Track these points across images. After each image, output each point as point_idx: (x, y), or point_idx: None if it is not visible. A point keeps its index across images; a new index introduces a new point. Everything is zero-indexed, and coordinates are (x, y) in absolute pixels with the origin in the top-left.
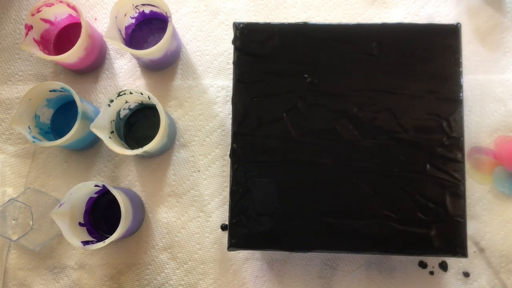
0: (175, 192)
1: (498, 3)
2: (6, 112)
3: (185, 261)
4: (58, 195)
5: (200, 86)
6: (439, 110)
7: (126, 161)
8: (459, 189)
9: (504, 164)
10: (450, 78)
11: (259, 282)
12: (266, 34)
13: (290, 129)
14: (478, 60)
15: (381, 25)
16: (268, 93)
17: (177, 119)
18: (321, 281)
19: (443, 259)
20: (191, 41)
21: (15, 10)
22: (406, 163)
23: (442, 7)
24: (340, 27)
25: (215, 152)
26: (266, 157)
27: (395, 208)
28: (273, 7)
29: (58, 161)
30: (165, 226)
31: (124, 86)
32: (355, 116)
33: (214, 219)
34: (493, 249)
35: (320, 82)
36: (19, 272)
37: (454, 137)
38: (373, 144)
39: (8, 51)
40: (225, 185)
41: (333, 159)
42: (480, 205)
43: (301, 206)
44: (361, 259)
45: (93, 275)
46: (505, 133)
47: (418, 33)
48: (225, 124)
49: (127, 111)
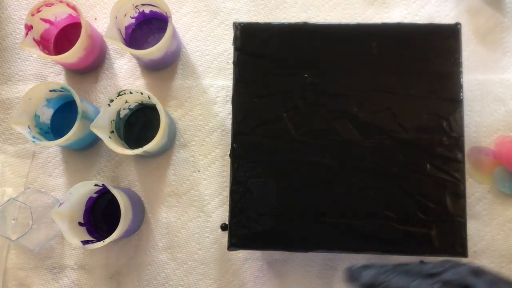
0: (175, 192)
1: (498, 3)
2: (6, 112)
3: (185, 261)
4: (58, 195)
5: (200, 86)
6: (439, 110)
7: (126, 161)
8: (459, 189)
9: (504, 164)
10: (450, 78)
11: (259, 282)
12: (266, 34)
13: (290, 129)
14: (478, 60)
15: (381, 25)
16: (268, 93)
17: (177, 119)
18: (322, 281)
19: (443, 259)
20: (191, 41)
21: (15, 10)
22: (406, 163)
23: (442, 7)
24: (340, 27)
25: (215, 152)
26: (266, 157)
27: (395, 208)
28: (273, 7)
29: (58, 161)
30: (165, 226)
31: (124, 86)
32: (355, 116)
33: (214, 219)
34: (493, 249)
35: (320, 82)
36: (19, 272)
37: (454, 137)
38: (373, 144)
39: (8, 51)
40: (225, 185)
41: (333, 159)
42: (480, 205)
43: (301, 206)
44: (361, 259)
45: (93, 275)
46: (505, 133)
47: (418, 33)
48: (225, 124)
49: (127, 111)
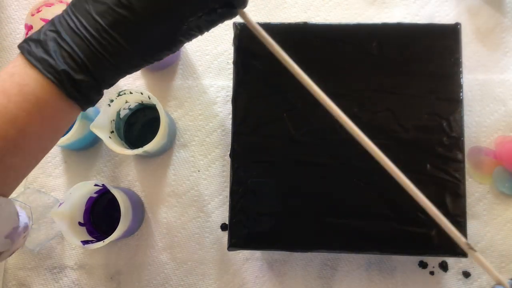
0: (175, 192)
1: (498, 3)
2: None
3: (185, 261)
4: (58, 195)
5: (200, 86)
6: (439, 110)
7: (126, 161)
8: (459, 189)
9: (504, 164)
10: (450, 78)
11: (259, 282)
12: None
13: (290, 129)
14: (478, 60)
15: (381, 25)
16: (268, 93)
17: (177, 119)
18: (321, 281)
19: (443, 259)
20: (191, 41)
21: (15, 10)
22: (406, 163)
23: (442, 7)
24: (340, 27)
25: (215, 152)
26: (266, 157)
27: (395, 208)
28: (273, 7)
29: (58, 161)
30: (165, 226)
31: (124, 86)
32: (355, 116)
33: (214, 219)
34: (493, 249)
35: (320, 82)
36: (18, 272)
37: (454, 137)
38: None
39: (8, 51)
40: (225, 185)
41: (333, 159)
42: (480, 205)
43: (301, 206)
44: (361, 259)
45: (93, 275)
46: (505, 133)
47: (418, 33)
48: (225, 124)
49: (127, 111)
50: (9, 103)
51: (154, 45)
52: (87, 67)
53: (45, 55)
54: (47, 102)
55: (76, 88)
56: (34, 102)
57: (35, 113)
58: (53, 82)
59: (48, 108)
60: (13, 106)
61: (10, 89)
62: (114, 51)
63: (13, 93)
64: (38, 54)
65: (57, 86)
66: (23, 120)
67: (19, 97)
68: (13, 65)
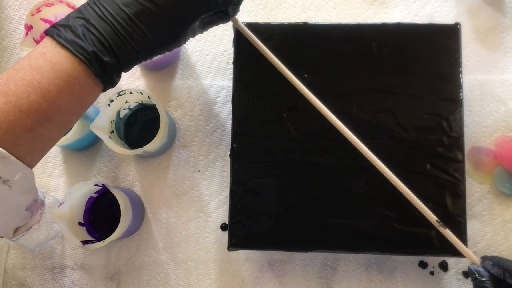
0: (175, 192)
1: (498, 3)
2: None
3: (185, 261)
4: (58, 195)
5: (200, 86)
6: (439, 110)
7: (126, 161)
8: (459, 189)
9: (504, 164)
10: (450, 78)
11: (259, 282)
12: (266, 34)
13: (290, 129)
14: (478, 60)
15: (381, 25)
16: (268, 93)
17: (177, 119)
18: (321, 281)
19: (443, 259)
20: (191, 41)
21: (15, 10)
22: (406, 163)
23: (442, 7)
24: (340, 27)
25: (215, 152)
26: (266, 157)
27: (395, 208)
28: (273, 7)
29: (58, 161)
30: (165, 226)
31: (124, 86)
32: (355, 116)
33: (214, 219)
34: (493, 249)
35: (320, 82)
36: (18, 272)
37: (454, 137)
38: (373, 144)
39: (8, 51)
40: (225, 185)
41: (333, 159)
42: (480, 205)
43: (301, 206)
44: (361, 259)
45: (92, 275)
46: (505, 133)
47: (418, 33)
48: (225, 124)
49: (127, 111)
50: (43, 79)
51: (170, 36)
52: (114, 51)
53: (76, 38)
54: (76, 79)
55: (103, 68)
56: (65, 79)
57: (65, 89)
58: (83, 62)
59: (77, 84)
60: (46, 82)
61: (43, 66)
62: (137, 38)
63: (46, 70)
64: (68, 36)
65: (86, 65)
66: (55, 94)
67: (51, 73)
68: (42, 46)
